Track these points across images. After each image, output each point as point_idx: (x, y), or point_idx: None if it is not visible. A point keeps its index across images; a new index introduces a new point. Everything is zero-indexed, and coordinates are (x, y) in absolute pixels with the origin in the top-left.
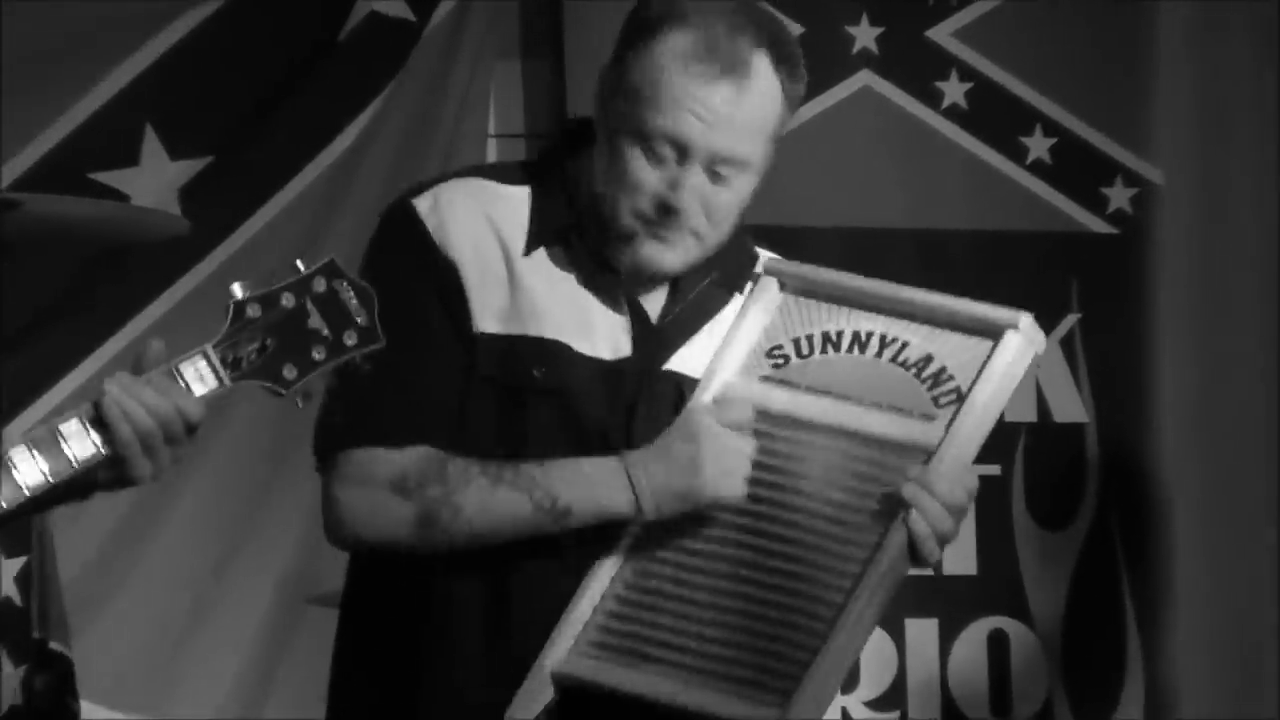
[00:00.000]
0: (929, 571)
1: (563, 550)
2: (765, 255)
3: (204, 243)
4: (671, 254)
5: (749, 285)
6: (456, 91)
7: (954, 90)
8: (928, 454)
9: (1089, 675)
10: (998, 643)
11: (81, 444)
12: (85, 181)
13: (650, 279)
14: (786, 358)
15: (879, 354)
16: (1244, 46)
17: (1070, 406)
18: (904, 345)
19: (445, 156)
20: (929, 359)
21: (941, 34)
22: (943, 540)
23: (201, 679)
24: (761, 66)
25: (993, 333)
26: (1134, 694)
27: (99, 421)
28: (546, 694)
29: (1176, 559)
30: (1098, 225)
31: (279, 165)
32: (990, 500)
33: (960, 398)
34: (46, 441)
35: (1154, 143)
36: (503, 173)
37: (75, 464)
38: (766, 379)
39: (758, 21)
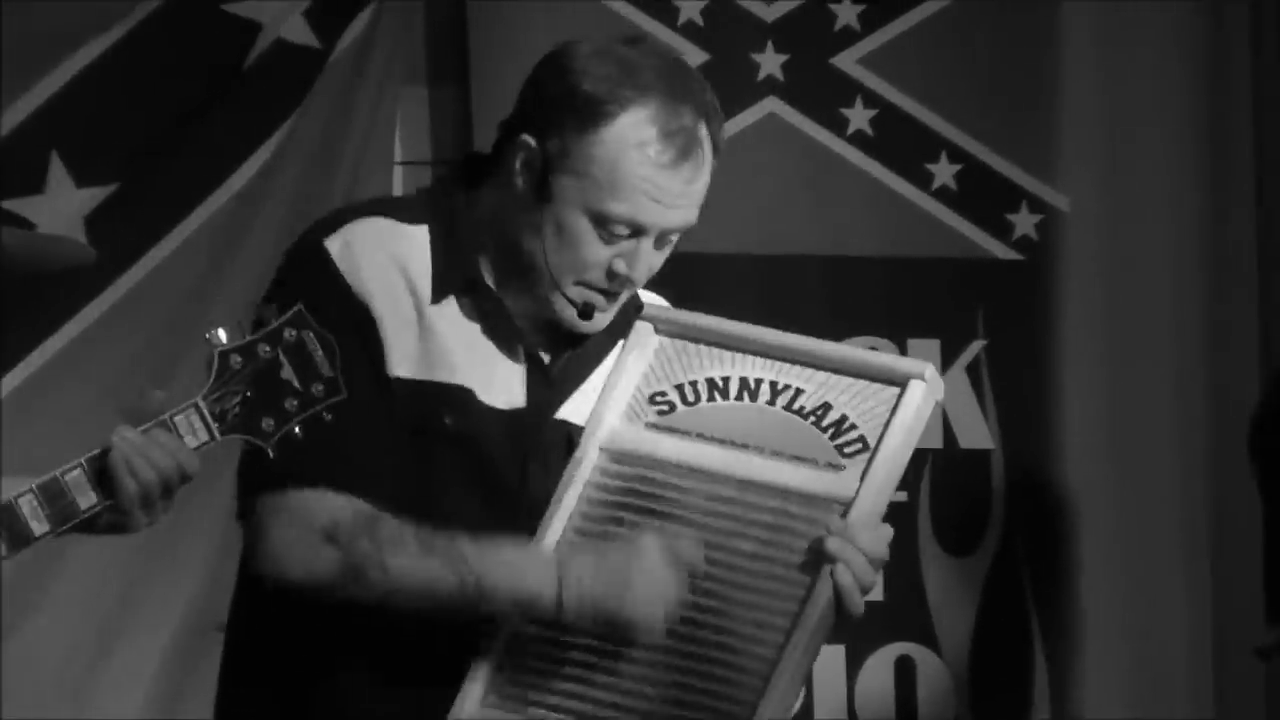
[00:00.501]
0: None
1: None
2: (647, 301)
3: (110, 270)
4: (604, 317)
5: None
6: (362, 118)
7: (859, 117)
8: (844, 505)
9: (996, 701)
10: (904, 669)
11: (84, 495)
12: None
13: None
14: (671, 404)
15: (771, 401)
16: (1148, 73)
17: (976, 433)
18: (797, 393)
19: (351, 183)
20: (826, 407)
21: (846, 61)
22: (865, 591)
23: (110, 705)
24: (704, 136)
25: (897, 381)
26: (1041, 714)
27: (102, 474)
28: None
29: (1082, 584)
30: (1003, 252)
31: (185, 192)
32: (897, 526)
33: (867, 447)
34: (51, 491)
35: (1058, 169)
36: (403, 209)
37: (79, 514)
38: (653, 425)
39: (691, 87)
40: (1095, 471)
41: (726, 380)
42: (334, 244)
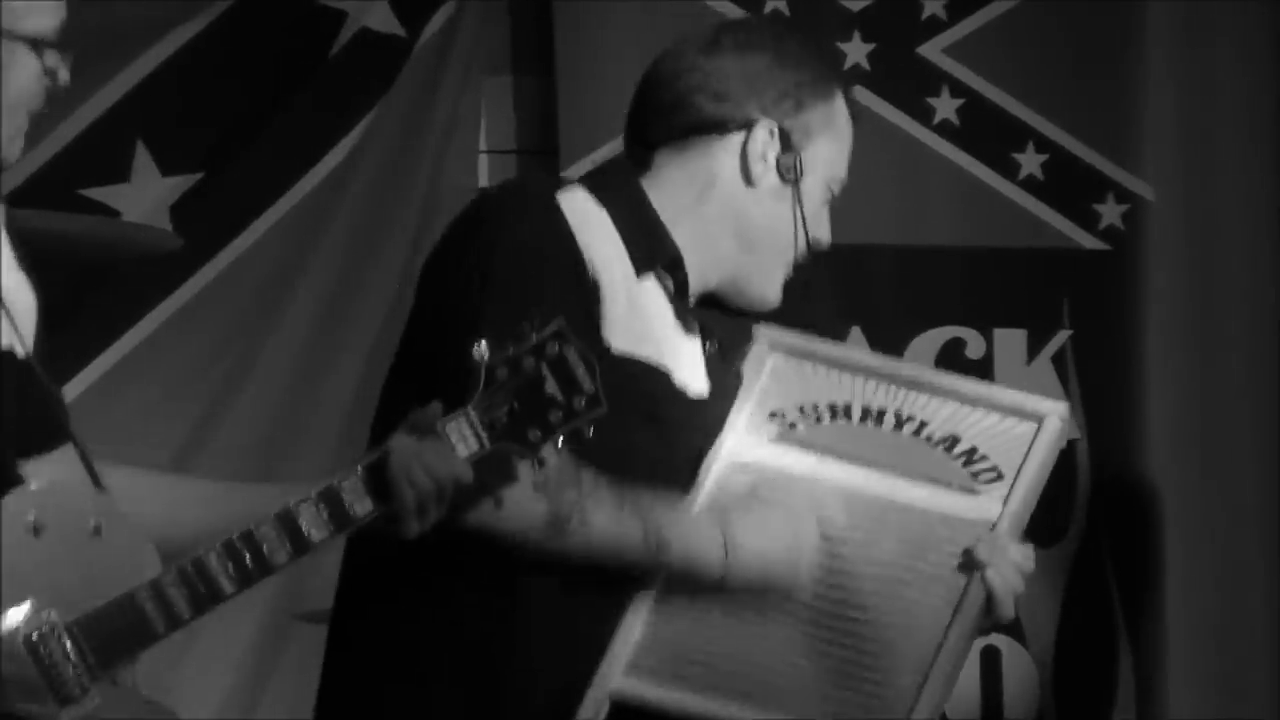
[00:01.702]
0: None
1: (574, 588)
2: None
3: (195, 258)
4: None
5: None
6: (447, 107)
7: (945, 106)
8: (988, 525)
9: (1081, 691)
10: (990, 660)
11: (362, 502)
12: (76, 197)
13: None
14: (793, 423)
15: (897, 429)
16: (1233, 62)
17: None
18: (923, 424)
19: (435, 172)
20: (955, 439)
21: (933, 50)
22: (1014, 600)
23: (192, 695)
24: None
25: (1034, 418)
26: (1126, 709)
27: (379, 481)
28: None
29: (1167, 574)
30: (1089, 241)
31: (270, 181)
32: None
33: (1001, 476)
34: (331, 498)
35: (1145, 159)
36: (590, 185)
37: (357, 520)
38: (777, 440)
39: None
40: (1180, 462)
41: (848, 405)
42: (566, 201)
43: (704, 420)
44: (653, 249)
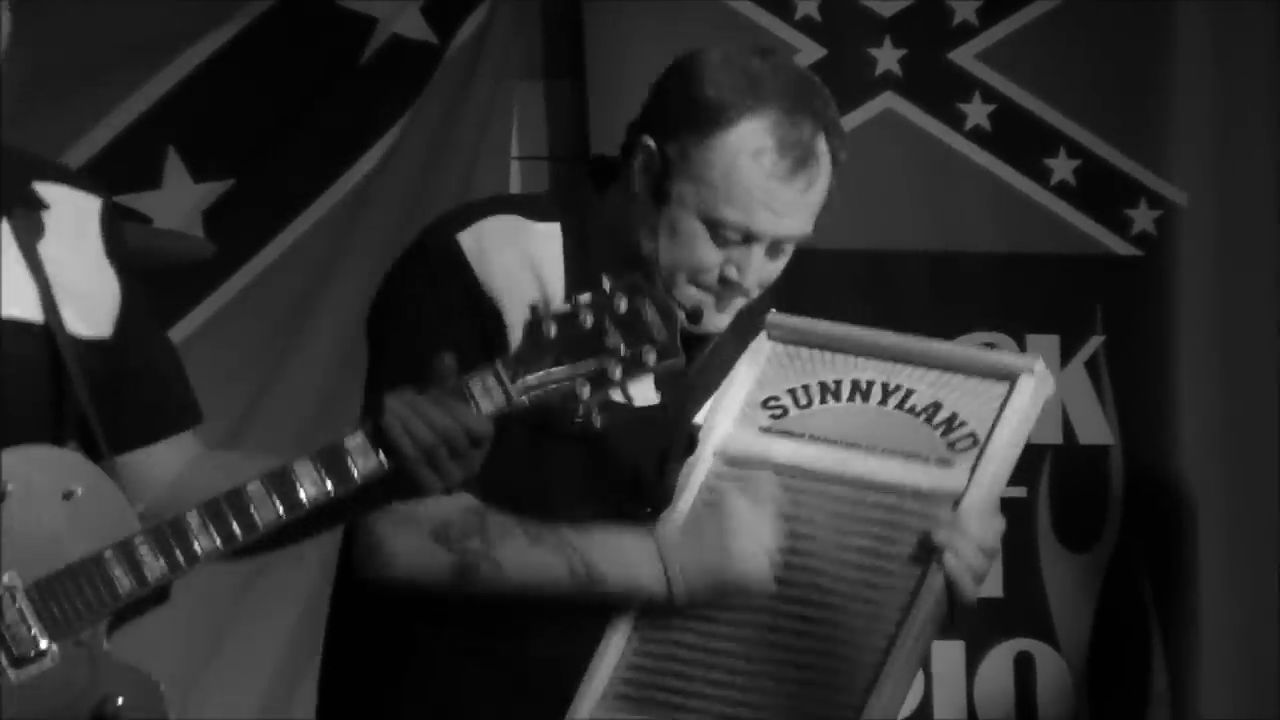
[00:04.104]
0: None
1: (567, 611)
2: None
3: (227, 265)
4: (725, 317)
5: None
6: (479, 113)
7: (977, 112)
8: (954, 499)
9: (1115, 696)
10: (1024, 665)
11: (366, 458)
12: None
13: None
14: (784, 409)
15: (882, 402)
16: (1265, 67)
17: (1095, 428)
18: (908, 393)
19: (467, 178)
20: (937, 405)
21: (964, 56)
22: (978, 580)
23: (224, 705)
24: (823, 149)
25: (1007, 377)
26: (1159, 715)
27: (383, 438)
28: None
29: (1201, 579)
30: (1122, 247)
31: (301, 187)
32: (1015, 522)
33: (977, 442)
34: (331, 456)
35: (1177, 164)
36: (532, 208)
37: (358, 478)
38: (767, 430)
39: (813, 101)
40: (1213, 467)
41: (838, 383)
42: (467, 239)
43: (654, 427)
44: (581, 273)
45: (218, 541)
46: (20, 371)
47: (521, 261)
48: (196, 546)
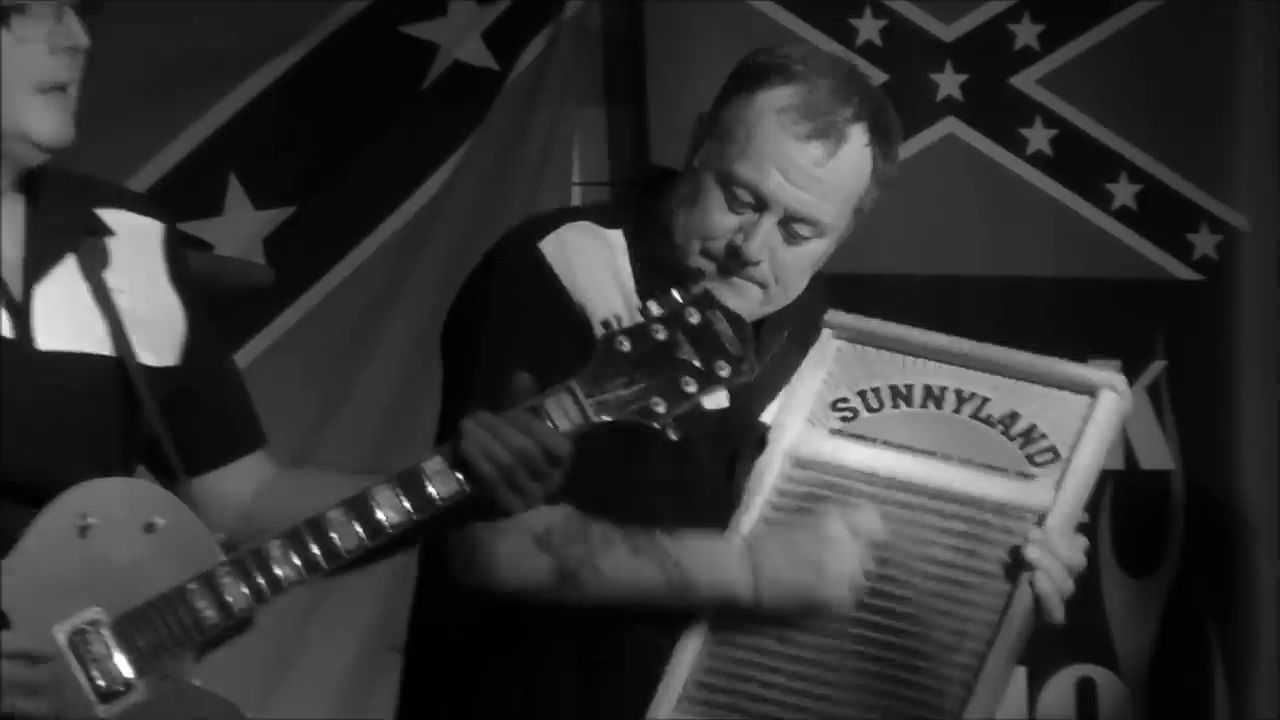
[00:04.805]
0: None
1: (625, 622)
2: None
3: (288, 292)
4: (737, 299)
5: None
6: (539, 139)
7: (1038, 137)
8: (1036, 514)
9: None
10: (1086, 690)
11: (445, 482)
12: None
13: None
14: (854, 411)
15: (957, 410)
16: None
17: (1157, 453)
18: (984, 401)
19: (529, 205)
20: (1014, 416)
21: (1026, 81)
22: (1064, 601)
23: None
24: (856, 137)
25: (1089, 391)
26: None
27: (461, 460)
28: None
29: (1261, 604)
30: (1183, 272)
31: (363, 214)
32: None
33: (1059, 456)
34: (410, 480)
35: (1238, 189)
36: (600, 215)
37: (438, 501)
38: (838, 433)
39: (863, 94)
40: (1274, 491)
41: (910, 387)
42: (549, 248)
43: (725, 429)
44: (651, 273)
45: (301, 569)
46: (93, 404)
47: (603, 266)
48: (280, 574)
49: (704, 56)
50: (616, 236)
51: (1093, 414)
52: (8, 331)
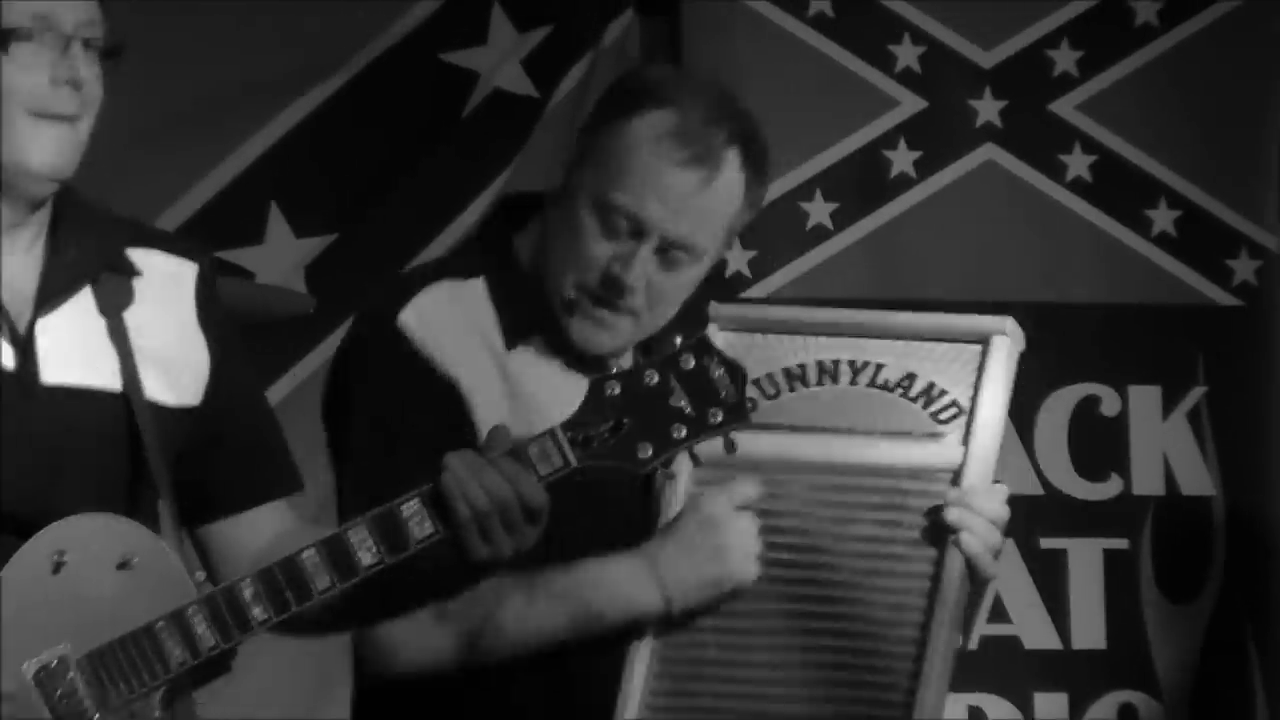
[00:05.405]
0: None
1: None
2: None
3: (330, 319)
4: (605, 335)
5: None
6: None
7: (1078, 163)
8: (951, 473)
9: None
10: (1127, 716)
11: (420, 524)
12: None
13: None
14: (753, 400)
15: (853, 381)
16: None
17: (1197, 479)
18: (879, 368)
19: None
20: (911, 377)
21: (1065, 107)
22: (995, 555)
23: None
24: (731, 161)
25: (980, 340)
26: None
27: (438, 502)
28: None
29: None
30: (1223, 297)
31: (403, 242)
32: (1118, 573)
33: (963, 410)
34: (385, 521)
35: (1277, 214)
36: (457, 266)
37: (412, 545)
38: None
39: (734, 117)
40: None
41: (803, 367)
42: (409, 319)
43: (503, 432)
44: (514, 319)
45: (271, 609)
46: (97, 440)
47: (467, 328)
48: (250, 616)
49: (742, 82)
50: (478, 288)
51: (987, 362)
52: (10, 364)
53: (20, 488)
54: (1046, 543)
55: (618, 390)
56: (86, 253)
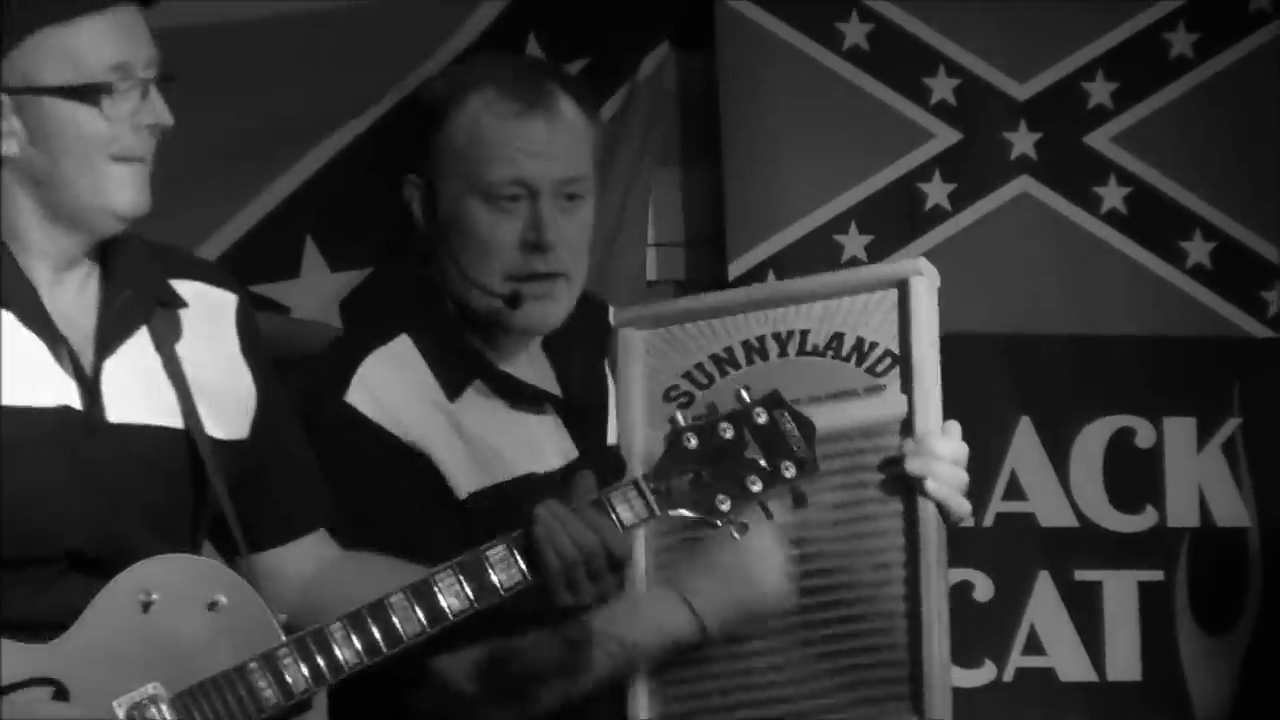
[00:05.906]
0: (969, 523)
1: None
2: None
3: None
4: (551, 306)
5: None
6: (615, 198)
7: (1113, 195)
8: (900, 422)
9: None
10: None
11: (507, 570)
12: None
13: (527, 337)
14: (689, 394)
15: (782, 353)
16: None
17: (1233, 510)
18: (804, 334)
19: (605, 265)
20: (838, 336)
21: (1100, 139)
22: (963, 492)
23: None
24: (562, 98)
25: (897, 285)
26: None
27: (527, 550)
28: None
29: None
30: (1258, 329)
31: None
32: (1154, 605)
33: (895, 358)
34: (473, 567)
35: None
36: (380, 332)
37: (501, 590)
38: None
39: (540, 66)
40: None
41: (730, 350)
42: (356, 397)
43: (588, 481)
44: (447, 370)
45: (361, 652)
46: (162, 477)
47: (411, 389)
48: (340, 657)
49: (778, 116)
50: (405, 347)
51: (908, 305)
52: (78, 403)
53: (87, 525)
54: (1081, 574)
55: (694, 443)
56: (144, 289)
